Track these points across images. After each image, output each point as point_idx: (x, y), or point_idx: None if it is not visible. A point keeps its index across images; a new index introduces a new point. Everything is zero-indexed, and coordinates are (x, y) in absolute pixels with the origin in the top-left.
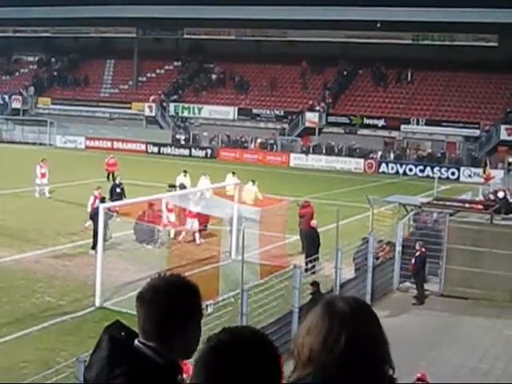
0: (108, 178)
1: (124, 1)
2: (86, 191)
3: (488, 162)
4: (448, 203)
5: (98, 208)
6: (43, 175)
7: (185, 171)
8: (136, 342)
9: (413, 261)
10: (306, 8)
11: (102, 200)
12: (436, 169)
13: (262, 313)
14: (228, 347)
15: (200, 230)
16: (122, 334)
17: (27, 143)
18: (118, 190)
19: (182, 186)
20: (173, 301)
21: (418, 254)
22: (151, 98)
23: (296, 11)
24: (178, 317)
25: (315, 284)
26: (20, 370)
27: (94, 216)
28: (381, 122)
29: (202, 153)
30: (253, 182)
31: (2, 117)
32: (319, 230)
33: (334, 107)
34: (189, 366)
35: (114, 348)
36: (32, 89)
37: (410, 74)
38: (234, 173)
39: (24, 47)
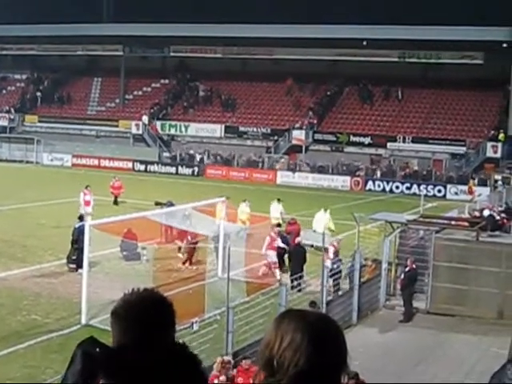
0: (115, 202)
1: (110, 19)
2: (72, 209)
3: (474, 178)
4: (434, 220)
5: (83, 226)
6: (87, 203)
7: (227, 197)
8: None
9: (402, 276)
10: (292, 26)
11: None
12: (422, 186)
13: (247, 330)
14: None
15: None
16: (97, 349)
17: (14, 161)
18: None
19: (170, 204)
20: (147, 315)
21: (407, 269)
22: (143, 117)
23: (282, 29)
24: (152, 331)
25: (313, 304)
26: None
27: (78, 235)
28: (367, 140)
29: (188, 171)
30: (324, 209)
31: None
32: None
33: (321, 125)
34: None
35: (87, 362)
36: (12, 110)
37: (396, 92)
38: (279, 199)
39: (11, 65)
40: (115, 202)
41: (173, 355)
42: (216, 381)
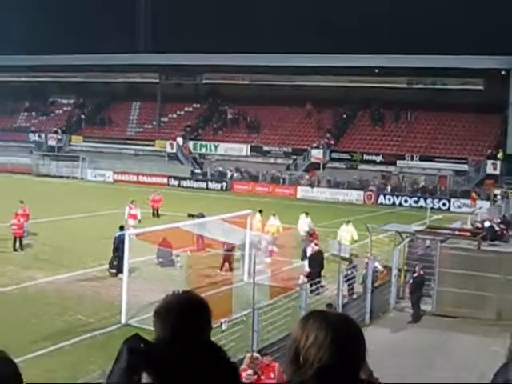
0: (154, 214)
1: (148, 49)
2: (113, 220)
3: (477, 193)
4: (439, 231)
5: (123, 235)
6: (132, 216)
7: (260, 211)
8: None
9: (410, 281)
10: (312, 56)
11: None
12: (429, 200)
13: (271, 330)
14: None
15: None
16: (142, 345)
17: (61, 177)
18: None
19: (201, 216)
20: (184, 315)
21: (416, 275)
22: (178, 138)
23: (302, 58)
24: (189, 330)
25: (330, 306)
26: (53, 380)
27: (119, 243)
28: (379, 158)
29: (218, 186)
30: (346, 222)
31: (39, 153)
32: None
33: (337, 145)
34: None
35: (132, 359)
36: (60, 131)
37: (405, 115)
38: (307, 213)
39: (59, 91)
40: (156, 215)
41: (210, 351)
42: (244, 374)
